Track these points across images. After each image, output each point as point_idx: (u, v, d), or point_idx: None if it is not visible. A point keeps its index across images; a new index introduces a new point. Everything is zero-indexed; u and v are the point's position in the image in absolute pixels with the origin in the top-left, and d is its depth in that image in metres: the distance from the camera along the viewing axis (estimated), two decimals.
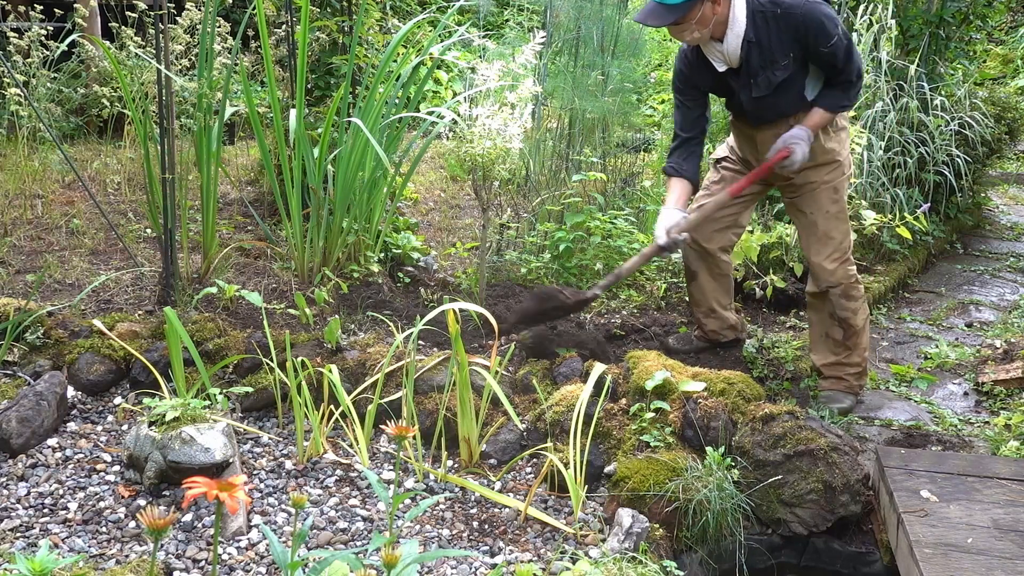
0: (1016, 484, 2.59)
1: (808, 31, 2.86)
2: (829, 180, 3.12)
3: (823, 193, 3.12)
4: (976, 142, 4.97)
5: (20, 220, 4.22)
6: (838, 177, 3.14)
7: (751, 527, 2.59)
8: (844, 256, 3.16)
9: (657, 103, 6.03)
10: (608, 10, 4.50)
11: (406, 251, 4.04)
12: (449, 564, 2.32)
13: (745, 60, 2.94)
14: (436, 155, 6.21)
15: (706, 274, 3.39)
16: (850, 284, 3.17)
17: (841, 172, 3.15)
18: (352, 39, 3.90)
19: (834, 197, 3.13)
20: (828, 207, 3.13)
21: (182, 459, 2.47)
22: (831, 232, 3.14)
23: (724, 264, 3.39)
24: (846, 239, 3.18)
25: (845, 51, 2.91)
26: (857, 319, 3.21)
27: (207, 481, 1.33)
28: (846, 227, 3.18)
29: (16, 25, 4.97)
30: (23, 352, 3.02)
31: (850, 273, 3.18)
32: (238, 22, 4.10)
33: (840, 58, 2.91)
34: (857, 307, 3.21)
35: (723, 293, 3.45)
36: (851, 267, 3.19)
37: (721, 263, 3.38)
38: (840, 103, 3.02)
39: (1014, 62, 8.83)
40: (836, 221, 3.15)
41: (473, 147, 3.25)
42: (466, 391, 2.70)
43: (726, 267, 3.42)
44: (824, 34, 2.86)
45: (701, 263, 3.37)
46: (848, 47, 2.91)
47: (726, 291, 3.46)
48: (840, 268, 3.15)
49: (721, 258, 3.36)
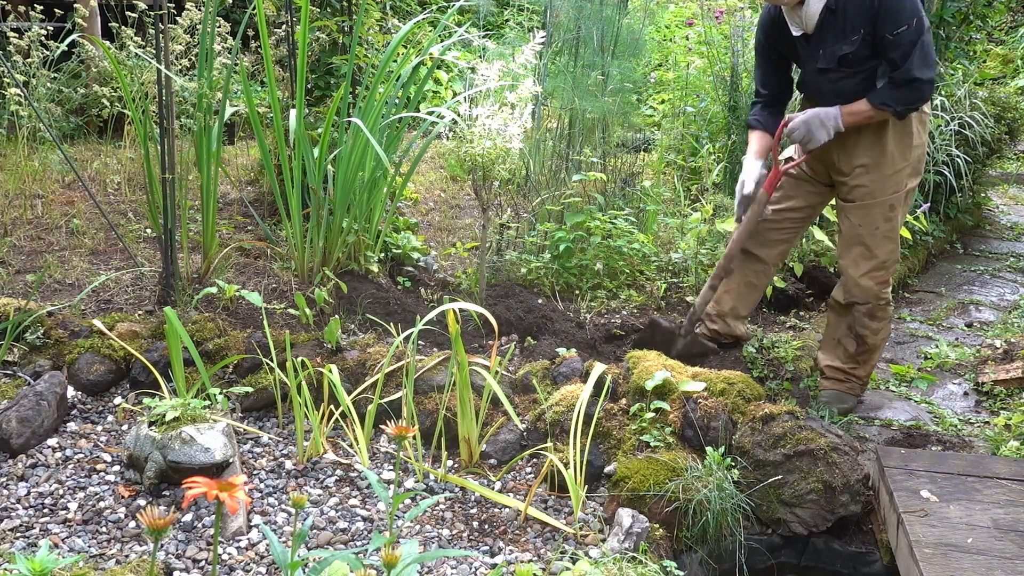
0: (1016, 484, 2.59)
1: (880, 9, 2.73)
2: (886, 193, 2.96)
3: (876, 208, 2.97)
4: (976, 142, 4.97)
5: (20, 220, 4.22)
6: (897, 192, 2.97)
7: (751, 527, 2.60)
8: (883, 277, 3.04)
9: (657, 103, 6.02)
10: (608, 10, 4.49)
11: (406, 251, 4.04)
12: (449, 564, 2.32)
13: (820, 27, 2.85)
14: (436, 155, 6.21)
15: (739, 278, 3.35)
16: (879, 305, 3.07)
17: (902, 186, 2.97)
18: (352, 39, 3.89)
19: (888, 215, 2.97)
20: (879, 223, 2.98)
21: (182, 459, 2.47)
22: (875, 250, 3.00)
23: (760, 277, 3.35)
24: (890, 258, 3.03)
25: (911, 46, 2.74)
26: (875, 339, 3.13)
27: (207, 481, 1.33)
28: (893, 247, 3.03)
29: (16, 25, 4.97)
30: (23, 352, 3.02)
31: (883, 294, 3.06)
32: (238, 22, 4.10)
33: (903, 51, 2.75)
34: (878, 328, 3.12)
35: (744, 304, 3.41)
36: (886, 288, 3.07)
37: (756, 275, 3.34)
38: (886, 101, 2.83)
39: (1014, 62, 8.82)
40: (884, 240, 2.99)
41: (473, 147, 3.25)
42: (466, 391, 2.70)
43: (760, 281, 3.37)
44: (894, 18, 2.73)
45: (741, 265, 3.33)
46: (919, 44, 2.75)
47: (748, 304, 3.42)
48: (875, 288, 3.04)
49: (759, 269, 3.32)
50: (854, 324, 3.15)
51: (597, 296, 3.94)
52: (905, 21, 2.72)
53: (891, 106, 2.83)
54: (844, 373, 3.23)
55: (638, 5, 5.30)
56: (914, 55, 2.76)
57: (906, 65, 2.77)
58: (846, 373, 3.23)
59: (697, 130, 5.33)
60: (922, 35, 2.75)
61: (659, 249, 4.34)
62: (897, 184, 2.97)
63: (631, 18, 4.92)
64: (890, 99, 2.83)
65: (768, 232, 3.26)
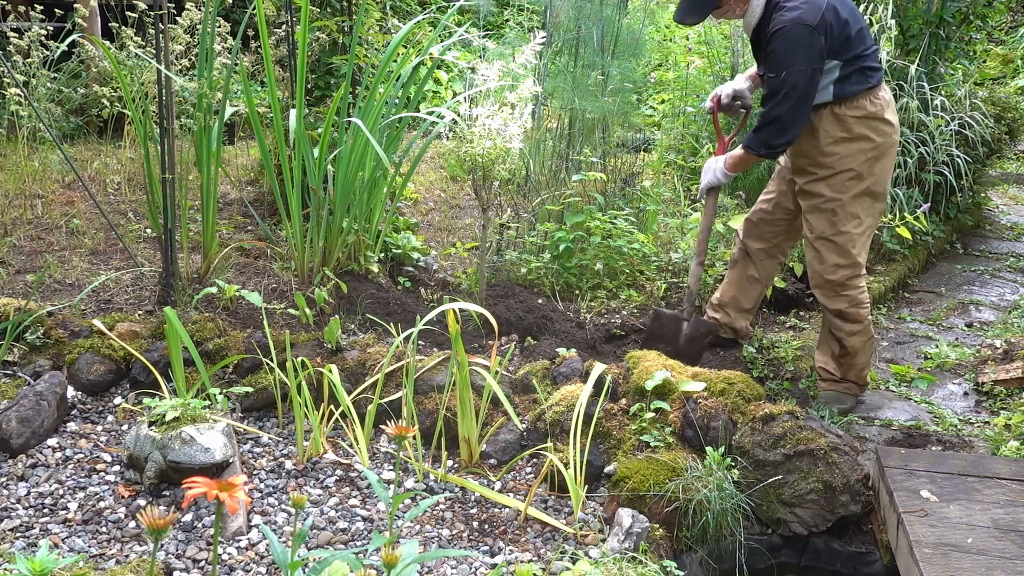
0: (1016, 484, 2.59)
1: (767, 47, 2.91)
2: (830, 198, 2.99)
3: (822, 214, 3.02)
4: (976, 142, 4.97)
5: (20, 220, 4.22)
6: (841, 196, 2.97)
7: (751, 527, 2.60)
8: (839, 283, 3.05)
9: (657, 103, 6.02)
10: (608, 10, 4.49)
11: (406, 251, 4.04)
12: (449, 564, 2.32)
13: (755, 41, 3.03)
14: (436, 155, 6.21)
15: (740, 270, 3.43)
16: (845, 309, 3.09)
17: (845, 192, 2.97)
18: (352, 39, 3.89)
19: (832, 220, 3.00)
20: (824, 229, 3.03)
21: (182, 459, 2.47)
22: (825, 255, 3.05)
23: (760, 271, 3.41)
24: (847, 269, 3.03)
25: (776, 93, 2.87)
26: (851, 341, 3.14)
27: (207, 481, 1.33)
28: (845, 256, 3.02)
29: (16, 25, 4.97)
30: (23, 352, 3.02)
31: (844, 297, 3.07)
32: (238, 22, 4.10)
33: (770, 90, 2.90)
34: (853, 330, 3.12)
35: (746, 298, 3.46)
36: (848, 292, 3.06)
37: (758, 268, 3.40)
38: (749, 144, 3.02)
39: (1014, 62, 8.82)
40: (835, 247, 3.02)
41: (473, 147, 3.25)
42: (466, 391, 2.70)
43: (762, 274, 3.42)
44: (771, 60, 2.90)
45: (741, 258, 3.43)
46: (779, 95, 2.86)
47: (750, 298, 3.46)
48: (832, 294, 3.07)
49: (759, 263, 3.39)
50: (831, 327, 3.17)
51: (597, 296, 3.94)
52: (775, 68, 2.89)
53: (753, 149, 3.02)
54: (836, 374, 3.24)
55: (638, 5, 5.30)
56: (774, 101, 2.88)
57: (767, 106, 2.92)
58: (838, 375, 3.24)
59: (697, 130, 5.33)
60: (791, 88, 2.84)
61: (659, 249, 4.34)
62: (837, 187, 2.99)
63: (631, 18, 4.92)
64: (751, 141, 3.02)
65: (763, 225, 3.35)
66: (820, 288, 3.13)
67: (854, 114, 2.96)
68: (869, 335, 3.17)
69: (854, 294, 3.08)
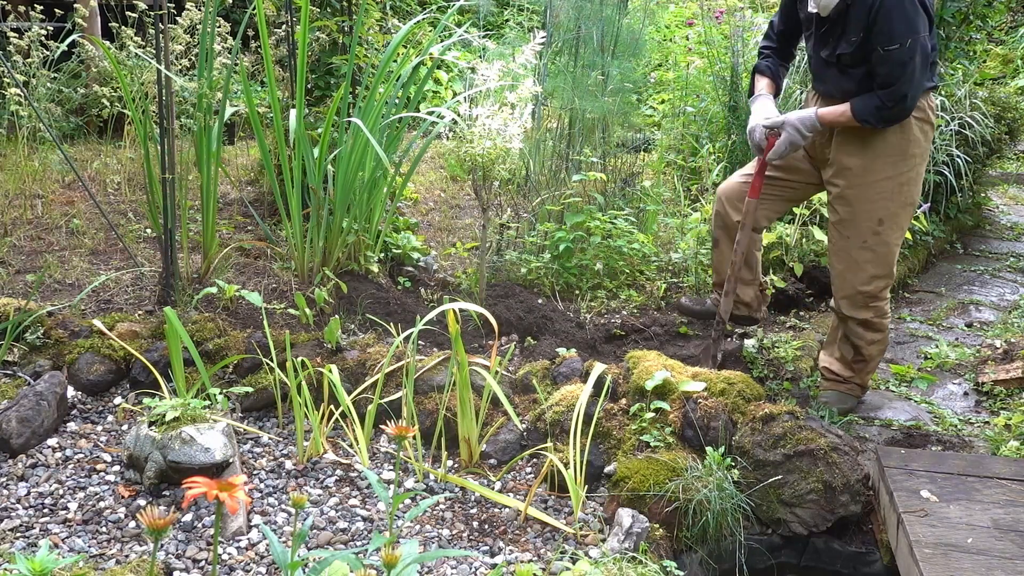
0: (1016, 484, 2.59)
1: (877, 19, 2.61)
2: (872, 202, 2.82)
3: (864, 221, 2.84)
4: (976, 142, 4.97)
5: (20, 220, 4.22)
6: (889, 204, 2.82)
7: (751, 527, 2.60)
8: (874, 292, 2.93)
9: (657, 103, 6.02)
10: (608, 10, 4.49)
11: (406, 251, 4.04)
12: (449, 564, 2.32)
13: (834, 17, 2.74)
14: (436, 155, 6.21)
15: (727, 244, 3.25)
16: (871, 319, 2.99)
17: (894, 199, 2.83)
18: (352, 39, 3.89)
19: (877, 229, 2.84)
20: (866, 237, 2.87)
21: (182, 459, 2.47)
22: (863, 264, 2.89)
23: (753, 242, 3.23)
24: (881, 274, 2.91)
25: (900, 66, 2.61)
26: (870, 349, 3.08)
27: (207, 481, 1.33)
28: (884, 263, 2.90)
29: (16, 25, 4.97)
30: (23, 352, 3.02)
31: (872, 308, 2.96)
32: (238, 22, 4.10)
33: (889, 68, 2.63)
34: (874, 339, 3.05)
35: (744, 267, 3.23)
36: (877, 303, 2.97)
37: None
38: (867, 117, 2.73)
39: (1014, 62, 8.82)
40: (872, 255, 2.87)
41: (473, 147, 3.25)
42: (466, 391, 2.70)
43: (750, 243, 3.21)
44: (887, 33, 2.61)
45: (723, 234, 3.27)
46: (909, 65, 2.62)
47: (749, 266, 3.27)
48: (863, 302, 2.95)
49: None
50: (849, 334, 3.10)
51: (597, 296, 3.94)
52: (898, 40, 2.62)
53: (871, 122, 2.75)
54: (842, 376, 3.23)
55: (638, 5, 5.30)
56: (903, 76, 2.65)
57: (894, 86, 2.67)
58: (843, 377, 3.23)
59: (697, 130, 5.33)
60: (914, 56, 2.63)
61: (659, 249, 4.34)
62: (887, 194, 2.84)
63: (631, 18, 4.92)
64: (871, 115, 2.74)
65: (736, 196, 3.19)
66: (849, 299, 2.98)
67: (917, 114, 2.81)
68: (887, 343, 3.14)
69: (882, 305, 2.99)
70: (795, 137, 2.87)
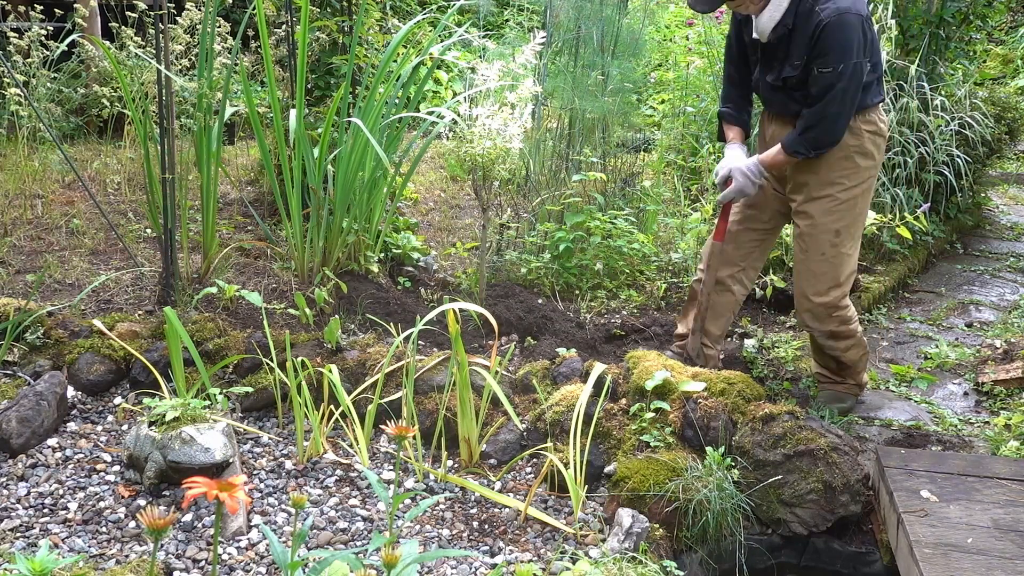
0: (1016, 484, 2.59)
1: (818, 41, 2.69)
2: (830, 217, 2.90)
3: (822, 235, 2.91)
4: (976, 142, 4.97)
5: (20, 220, 4.22)
6: (845, 216, 2.90)
7: (751, 527, 2.60)
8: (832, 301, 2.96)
9: (657, 103, 6.02)
10: (608, 10, 4.50)
11: (406, 251, 4.04)
12: (449, 564, 2.32)
13: (776, 43, 2.82)
14: (436, 155, 6.21)
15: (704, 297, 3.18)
16: (836, 329, 3.03)
17: (850, 211, 2.90)
18: (352, 39, 3.89)
19: (834, 241, 2.92)
20: (824, 249, 2.93)
21: (182, 459, 2.47)
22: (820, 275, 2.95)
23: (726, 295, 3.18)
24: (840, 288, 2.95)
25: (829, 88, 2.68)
26: (847, 356, 3.11)
27: (207, 481, 1.33)
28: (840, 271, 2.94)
29: (16, 25, 4.97)
30: (23, 352, 3.02)
31: (834, 318, 2.99)
32: (238, 22, 4.10)
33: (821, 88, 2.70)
34: (848, 345, 3.08)
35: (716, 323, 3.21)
36: (839, 312, 2.99)
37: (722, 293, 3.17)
38: (797, 149, 2.81)
39: (1014, 62, 8.82)
40: (831, 267, 2.93)
41: (473, 147, 3.25)
42: (466, 391, 2.70)
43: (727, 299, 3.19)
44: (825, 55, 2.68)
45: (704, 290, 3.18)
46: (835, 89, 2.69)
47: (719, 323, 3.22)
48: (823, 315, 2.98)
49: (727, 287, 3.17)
50: (823, 347, 3.12)
51: (597, 296, 3.94)
52: (832, 63, 2.69)
53: (802, 152, 2.82)
54: (837, 378, 3.23)
55: (638, 5, 5.30)
56: (830, 96, 2.72)
57: (819, 104, 2.74)
58: (839, 379, 3.23)
59: (697, 130, 5.33)
60: (844, 79, 2.69)
61: (659, 249, 4.34)
62: (843, 207, 2.90)
63: (631, 18, 4.92)
64: (801, 145, 2.81)
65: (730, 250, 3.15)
66: (811, 312, 3.02)
67: (868, 128, 2.88)
68: (864, 345, 3.16)
69: (844, 313, 3.02)
70: (744, 184, 2.98)
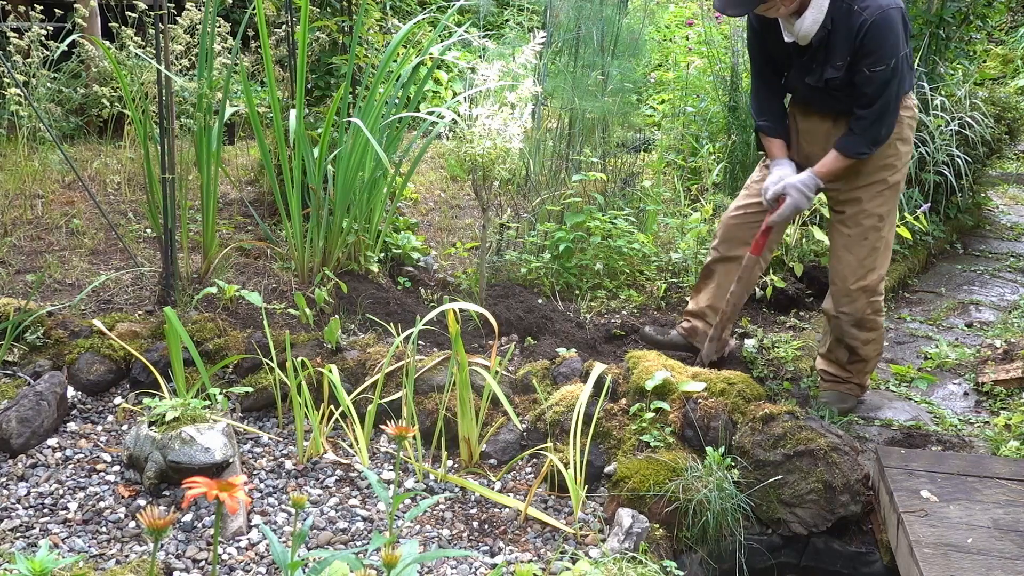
0: (1016, 484, 2.59)
1: (864, 41, 2.68)
2: (874, 203, 2.94)
3: (867, 220, 2.94)
4: (976, 142, 4.97)
5: (20, 220, 4.22)
6: (887, 202, 2.95)
7: (751, 527, 2.59)
8: (873, 287, 2.99)
9: (657, 103, 6.02)
10: (608, 10, 4.50)
11: (406, 251, 4.04)
12: (449, 564, 2.32)
13: (814, 44, 2.80)
14: (436, 155, 6.21)
15: (718, 279, 3.25)
16: (866, 316, 3.03)
17: (891, 196, 2.96)
18: (352, 39, 3.89)
19: (878, 225, 2.95)
20: (868, 234, 2.96)
21: (182, 459, 2.47)
22: (865, 261, 2.97)
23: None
24: (880, 269, 3.00)
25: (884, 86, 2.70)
26: (866, 350, 3.10)
27: (207, 481, 1.33)
28: (883, 257, 2.99)
29: (16, 25, 4.97)
30: (23, 352, 3.02)
31: (869, 304, 3.01)
32: (238, 22, 4.11)
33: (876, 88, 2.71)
34: (868, 339, 3.08)
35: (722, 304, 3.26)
36: (876, 298, 3.02)
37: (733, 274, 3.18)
38: (860, 150, 2.83)
39: (1014, 62, 8.82)
40: (872, 251, 2.96)
41: (473, 147, 3.25)
42: (466, 391, 2.70)
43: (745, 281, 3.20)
44: (875, 54, 2.68)
45: (720, 266, 3.26)
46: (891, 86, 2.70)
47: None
48: (864, 298, 2.99)
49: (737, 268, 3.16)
50: (843, 336, 3.11)
51: (597, 296, 3.94)
52: (884, 60, 2.69)
53: (866, 152, 2.84)
54: (840, 377, 3.23)
55: (638, 5, 5.31)
56: (886, 93, 2.73)
57: (878, 103, 2.75)
58: (840, 379, 3.22)
59: (697, 130, 5.33)
60: (897, 75, 2.72)
61: (659, 249, 4.34)
62: (887, 191, 2.95)
63: (631, 18, 4.92)
64: (863, 145, 2.82)
65: (735, 229, 3.20)
66: (848, 295, 3.01)
67: (906, 114, 2.90)
68: (881, 342, 3.16)
69: (878, 300, 3.04)
70: (799, 199, 2.95)
